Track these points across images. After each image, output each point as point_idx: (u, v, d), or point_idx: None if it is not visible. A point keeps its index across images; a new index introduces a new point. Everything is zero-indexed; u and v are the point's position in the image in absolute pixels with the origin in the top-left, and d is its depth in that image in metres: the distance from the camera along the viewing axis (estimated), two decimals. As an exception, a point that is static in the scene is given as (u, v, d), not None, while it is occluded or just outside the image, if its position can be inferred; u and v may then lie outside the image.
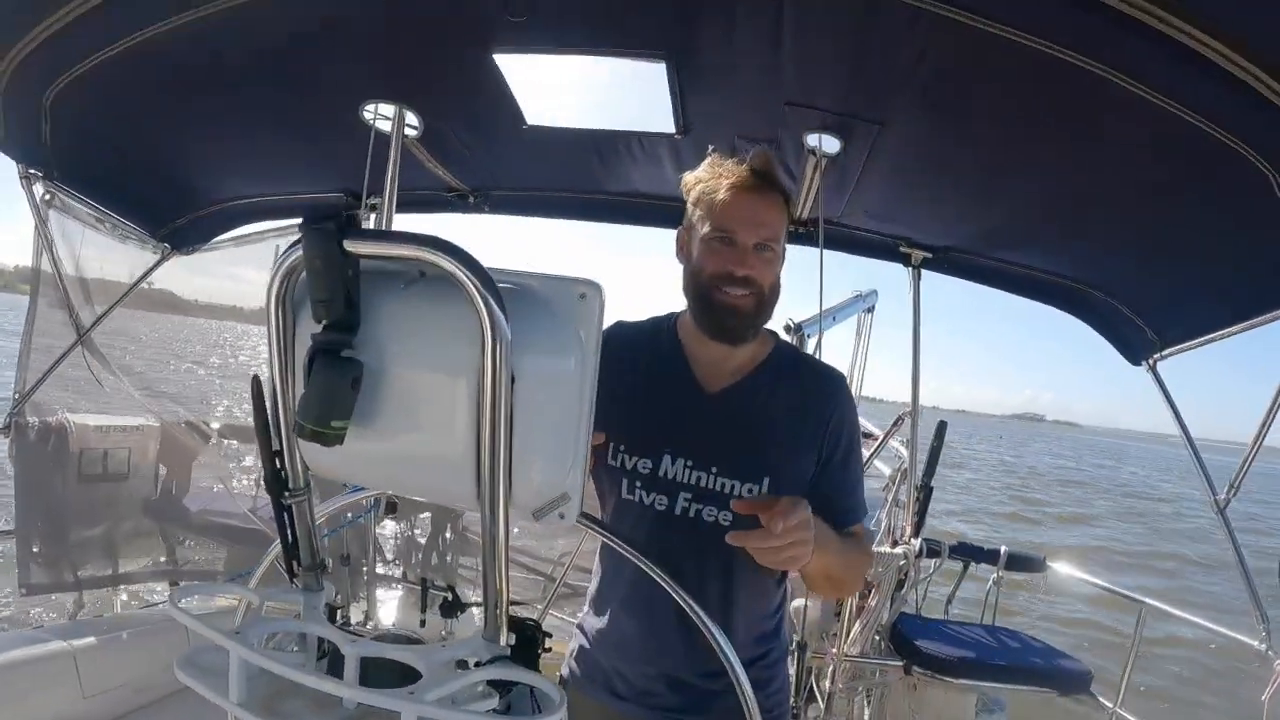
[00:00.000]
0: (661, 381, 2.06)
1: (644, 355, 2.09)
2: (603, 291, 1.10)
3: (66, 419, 4.73)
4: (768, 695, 2.06)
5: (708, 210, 1.92)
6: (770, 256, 1.91)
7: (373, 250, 0.97)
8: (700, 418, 2.00)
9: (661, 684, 2.02)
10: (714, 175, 1.94)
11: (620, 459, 2.01)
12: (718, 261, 1.89)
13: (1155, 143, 2.37)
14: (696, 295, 1.96)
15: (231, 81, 2.91)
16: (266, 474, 1.23)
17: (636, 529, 2.00)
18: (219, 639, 1.14)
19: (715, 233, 1.90)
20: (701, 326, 1.99)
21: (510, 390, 0.99)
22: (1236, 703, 9.92)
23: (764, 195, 1.91)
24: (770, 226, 1.90)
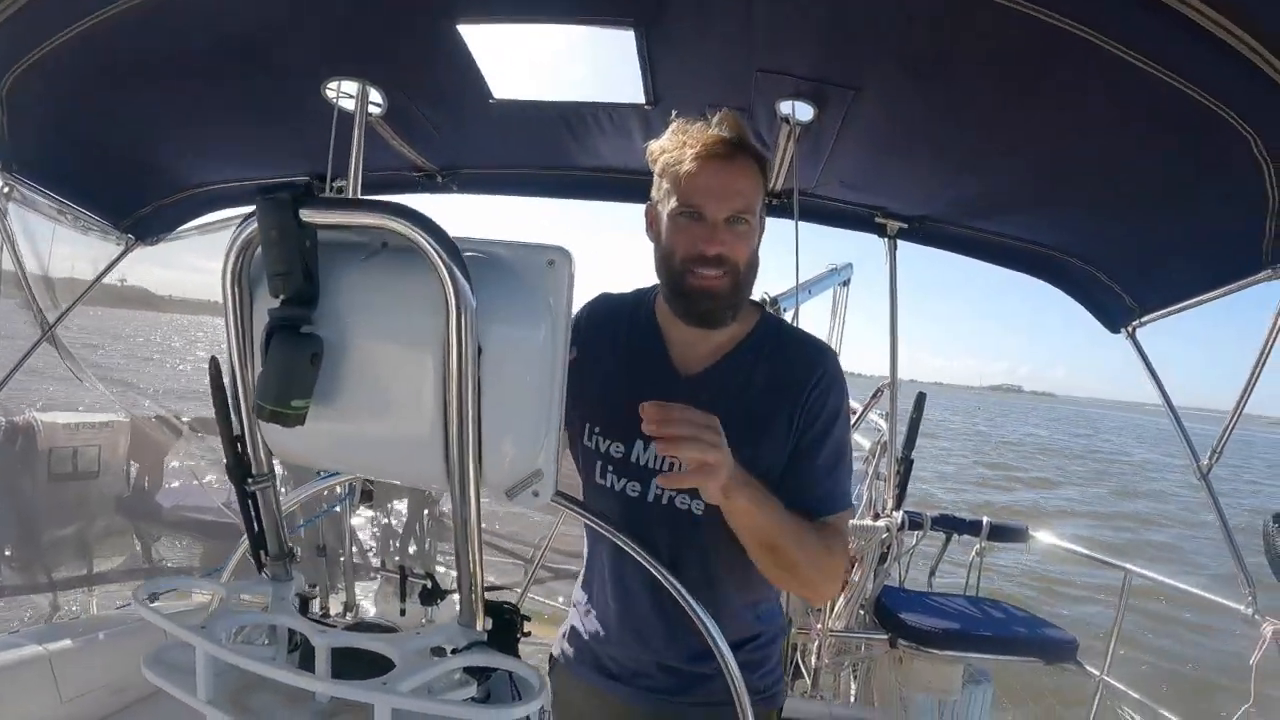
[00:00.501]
0: (637, 362, 1.97)
1: (623, 332, 2.01)
2: (572, 259, 1.05)
3: (34, 418, 4.68)
4: (760, 677, 2.01)
5: (673, 183, 1.79)
6: (744, 230, 1.78)
7: (330, 219, 0.93)
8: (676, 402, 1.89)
9: (649, 666, 1.99)
10: (678, 143, 1.80)
11: (594, 441, 1.96)
12: (687, 241, 1.78)
13: (1135, 106, 2.32)
14: (669, 279, 1.86)
15: (191, 64, 2.84)
16: (228, 460, 1.19)
17: (612, 513, 1.94)
18: (184, 634, 1.10)
19: (682, 208, 1.77)
20: (676, 312, 1.88)
21: (477, 362, 0.95)
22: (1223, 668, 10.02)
23: (734, 162, 1.76)
24: (742, 196, 1.76)
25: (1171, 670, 10.64)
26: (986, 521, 4.76)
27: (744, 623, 1.98)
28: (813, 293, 5.62)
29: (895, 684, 4.22)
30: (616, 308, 2.06)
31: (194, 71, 2.90)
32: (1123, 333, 3.94)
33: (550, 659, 2.23)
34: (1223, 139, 2.24)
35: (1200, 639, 11.70)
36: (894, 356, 4.62)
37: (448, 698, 1.07)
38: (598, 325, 2.04)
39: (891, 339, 4.52)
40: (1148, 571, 4.57)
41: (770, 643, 2.06)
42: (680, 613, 1.62)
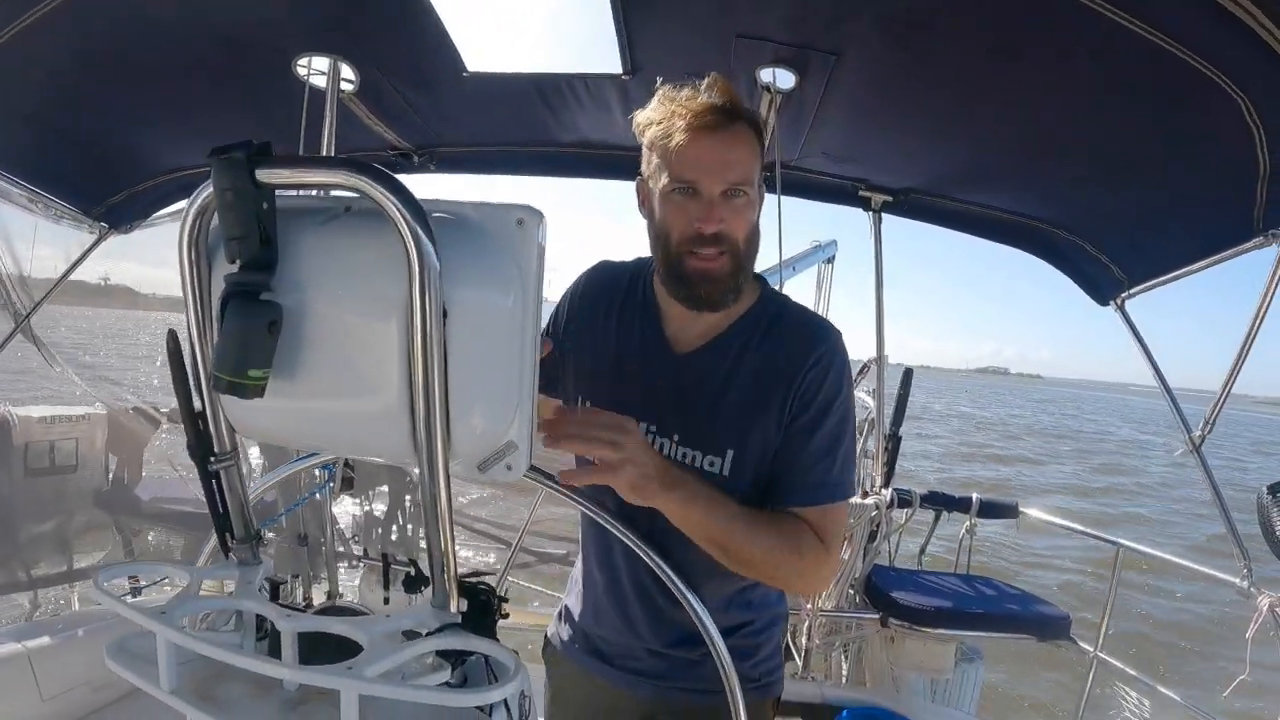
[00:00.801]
0: (631, 337, 1.90)
1: (619, 304, 1.94)
2: (543, 219, 1.00)
3: (9, 412, 4.64)
4: (753, 665, 1.96)
5: (664, 157, 1.68)
6: (743, 203, 1.68)
7: (288, 179, 0.88)
8: (666, 381, 1.84)
9: (637, 650, 1.96)
10: (666, 114, 1.67)
11: None
12: (683, 219, 1.68)
13: (1123, 70, 2.27)
14: (665, 262, 1.75)
15: (158, 45, 2.78)
16: (189, 438, 1.14)
17: (600, 494, 1.90)
18: (144, 621, 1.06)
19: (675, 184, 1.67)
20: (675, 296, 1.78)
21: (442, 325, 0.89)
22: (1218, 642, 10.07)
23: (727, 131, 1.65)
24: (739, 167, 1.65)
25: (1166, 645, 10.68)
26: (976, 498, 4.76)
27: (732, 609, 1.91)
28: (796, 270, 5.60)
29: (887, 663, 4.20)
30: (616, 277, 1.99)
31: (162, 52, 2.84)
32: (1111, 305, 3.91)
33: (545, 640, 2.21)
34: (1213, 104, 2.20)
35: (1194, 612, 11.77)
36: (880, 331, 4.57)
37: (420, 682, 1.02)
38: (595, 295, 1.98)
39: (878, 314, 4.48)
40: (1140, 545, 4.55)
41: (763, 630, 1.99)
42: (666, 596, 1.58)
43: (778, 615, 2.05)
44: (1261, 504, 3.41)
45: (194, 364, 1.06)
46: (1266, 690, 3.46)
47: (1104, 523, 22.15)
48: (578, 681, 2.08)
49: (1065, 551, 14.35)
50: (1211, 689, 4.88)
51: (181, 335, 1.06)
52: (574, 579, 2.15)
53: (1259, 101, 2.16)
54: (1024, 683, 5.36)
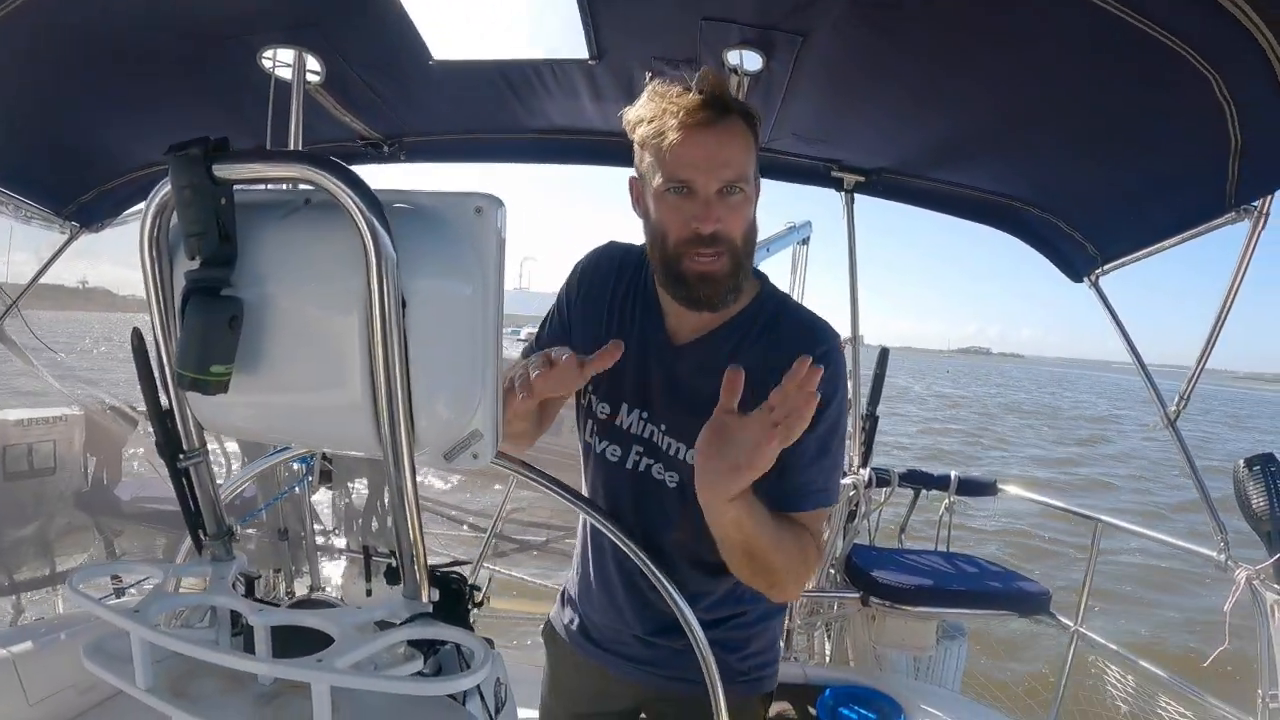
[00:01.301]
0: (633, 322, 1.89)
1: (624, 288, 1.93)
2: (502, 206, 1.00)
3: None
4: (742, 658, 1.95)
5: (657, 156, 1.65)
6: (739, 199, 1.65)
7: (245, 173, 0.88)
8: (660, 370, 1.84)
9: (626, 636, 1.97)
10: (658, 111, 1.65)
11: (586, 399, 1.93)
12: (679, 221, 1.65)
13: (1093, 46, 2.27)
14: (663, 263, 1.73)
15: (121, 41, 2.75)
16: (157, 436, 1.14)
17: (594, 475, 1.92)
18: (117, 620, 1.06)
19: (669, 184, 1.64)
20: (674, 297, 1.77)
21: (401, 315, 0.90)
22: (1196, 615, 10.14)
23: (721, 127, 1.63)
24: (735, 164, 1.63)
25: (1145, 618, 10.76)
26: (955, 476, 4.78)
27: (720, 600, 1.90)
28: (770, 251, 5.60)
29: (869, 642, 4.23)
30: (623, 261, 1.96)
31: (126, 49, 2.81)
32: (1085, 282, 3.92)
33: (546, 622, 2.23)
34: (1184, 80, 2.20)
35: (1173, 586, 11.84)
36: (855, 312, 4.56)
37: (392, 673, 1.03)
38: (601, 277, 1.97)
39: (852, 294, 4.47)
40: (1119, 521, 4.58)
41: (755, 623, 1.97)
42: (650, 584, 1.58)
43: (773, 608, 2.02)
44: (1238, 478, 3.45)
45: (159, 361, 1.06)
46: (1247, 662, 3.48)
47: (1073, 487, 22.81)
48: (573, 665, 2.10)
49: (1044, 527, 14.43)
50: (1191, 663, 4.90)
51: (146, 333, 1.06)
52: (574, 565, 2.15)
53: (1229, 77, 2.16)
54: (1007, 658, 5.39)
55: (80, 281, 15.69)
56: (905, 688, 3.76)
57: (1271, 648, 3.21)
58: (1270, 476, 3.38)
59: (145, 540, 5.16)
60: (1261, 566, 3.32)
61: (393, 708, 1.11)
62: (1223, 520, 3.54)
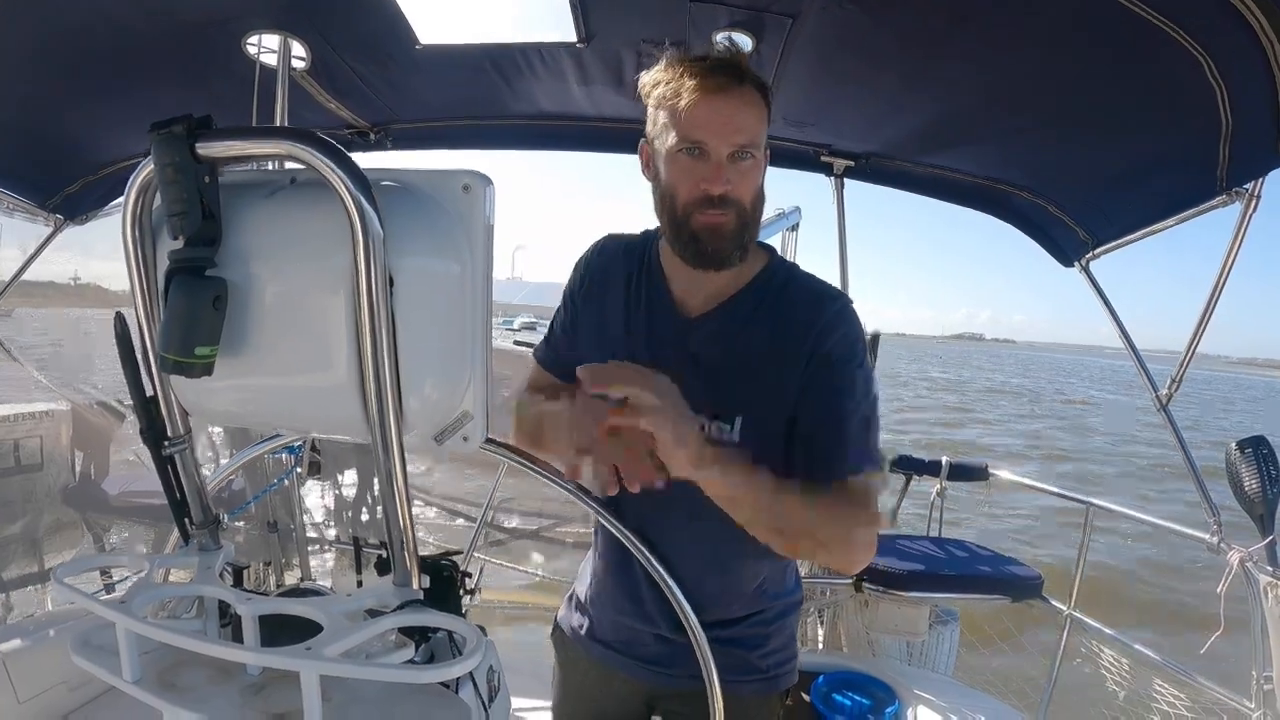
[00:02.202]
0: (638, 304, 1.88)
1: (623, 275, 1.92)
2: (490, 184, 0.99)
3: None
4: (762, 655, 1.92)
5: (671, 118, 1.65)
6: (749, 165, 1.65)
7: (228, 150, 0.87)
8: (673, 347, 1.81)
9: (644, 635, 1.94)
10: (675, 74, 1.66)
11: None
12: (690, 181, 1.65)
13: (1083, 28, 2.26)
14: (671, 223, 1.72)
15: (104, 30, 2.71)
16: (141, 422, 1.13)
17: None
18: (103, 611, 1.05)
19: (682, 144, 1.64)
20: (680, 255, 1.75)
21: (388, 294, 0.88)
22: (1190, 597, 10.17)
23: (735, 92, 1.63)
24: (746, 129, 1.63)
25: (1139, 601, 10.78)
26: (946, 461, 4.78)
27: (740, 595, 1.89)
28: (760, 238, 5.59)
29: (863, 628, 4.23)
30: (620, 251, 1.96)
31: (109, 37, 2.77)
32: (1076, 266, 3.91)
33: (554, 625, 2.21)
34: (1175, 62, 2.18)
35: (1165, 569, 11.89)
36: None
37: (383, 661, 1.01)
38: (604, 267, 1.96)
39: (842, 280, 4.44)
40: (1111, 504, 4.57)
41: (775, 620, 1.95)
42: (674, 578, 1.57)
43: (791, 604, 2.01)
44: (1230, 460, 3.45)
45: (143, 347, 1.05)
46: (1240, 645, 3.48)
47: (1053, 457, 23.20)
48: (585, 667, 2.08)
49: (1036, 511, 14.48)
50: (1186, 646, 4.91)
51: (130, 319, 1.05)
52: (585, 565, 2.13)
53: (1220, 59, 2.14)
54: (1000, 642, 5.39)
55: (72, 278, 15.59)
56: (898, 673, 3.76)
57: (1265, 629, 3.21)
58: (1262, 459, 3.38)
59: (134, 534, 5.14)
60: (1254, 548, 3.32)
61: (385, 695, 1.10)
62: (1215, 502, 3.54)
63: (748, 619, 1.90)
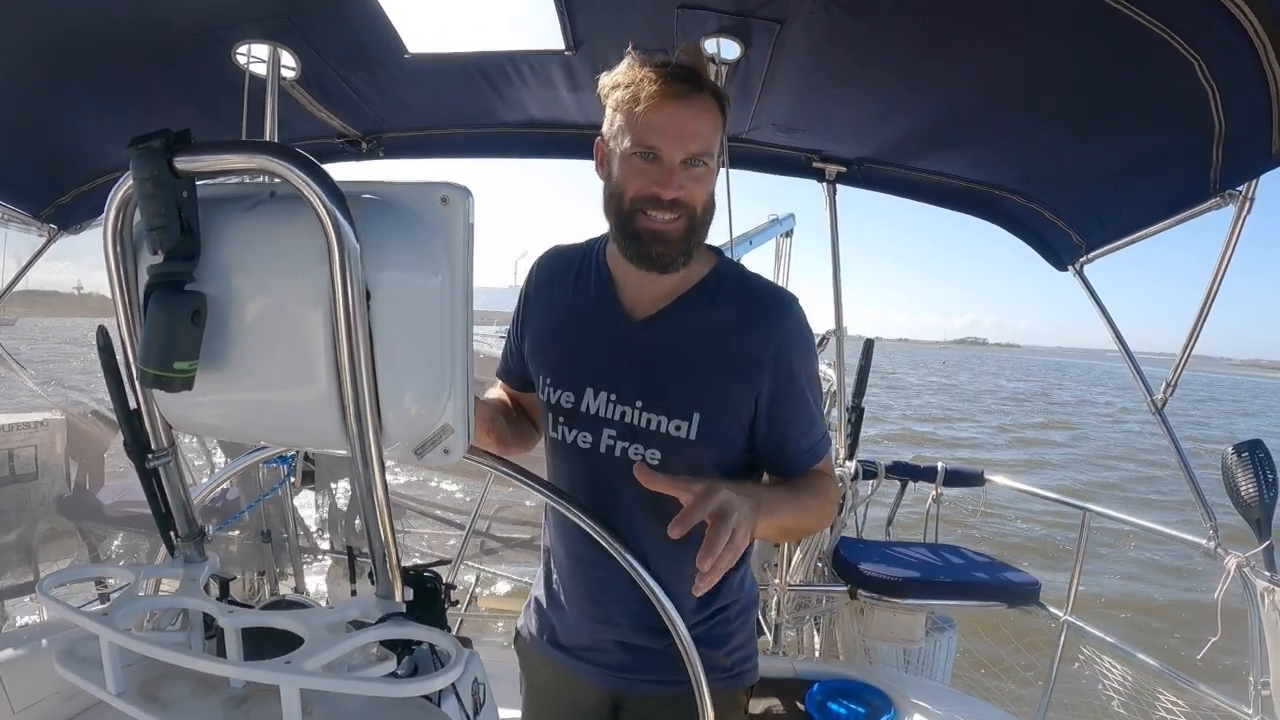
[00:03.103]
0: (587, 309, 1.88)
1: (571, 282, 1.93)
2: (470, 196, 0.99)
3: (-36, 423, 4.57)
4: (727, 653, 1.93)
5: (627, 121, 1.66)
6: (701, 173, 1.67)
7: (206, 165, 0.87)
8: (624, 348, 1.82)
9: (604, 641, 1.93)
10: (634, 78, 1.65)
11: (547, 393, 1.89)
12: (640, 182, 1.67)
13: (1074, 32, 2.27)
14: (618, 220, 1.74)
15: (95, 41, 2.73)
16: (125, 436, 1.13)
17: (563, 469, 1.89)
18: (86, 623, 1.05)
19: (636, 148, 1.65)
20: (625, 254, 1.76)
21: (365, 308, 0.88)
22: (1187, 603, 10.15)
23: (693, 100, 1.64)
24: (701, 138, 1.65)
25: (1136, 607, 10.77)
26: (941, 467, 4.78)
27: (705, 597, 1.88)
28: (754, 244, 5.60)
29: (859, 635, 4.22)
30: (568, 258, 1.97)
31: (100, 48, 2.79)
32: (1070, 270, 3.92)
33: (516, 633, 2.19)
34: (1166, 64, 2.19)
35: (1163, 574, 11.88)
36: (838, 303, 4.56)
37: (365, 674, 1.01)
38: (549, 278, 1.97)
39: (835, 286, 4.46)
40: (1107, 510, 4.57)
41: (737, 617, 1.96)
42: (631, 584, 1.56)
43: (750, 599, 2.03)
44: (1226, 465, 3.44)
45: (126, 360, 1.04)
46: (1238, 650, 3.47)
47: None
48: (549, 673, 2.06)
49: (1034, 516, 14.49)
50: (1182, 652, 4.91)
51: (114, 331, 1.05)
52: (540, 572, 2.12)
53: (1212, 61, 2.15)
54: (997, 649, 5.38)
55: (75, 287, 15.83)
56: (895, 680, 3.74)
57: (1263, 635, 3.21)
58: (1258, 463, 3.37)
59: (129, 544, 5.13)
60: (1251, 553, 3.30)
61: (367, 709, 1.09)
62: (1211, 507, 3.53)
63: (710, 618, 1.90)
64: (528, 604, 2.17)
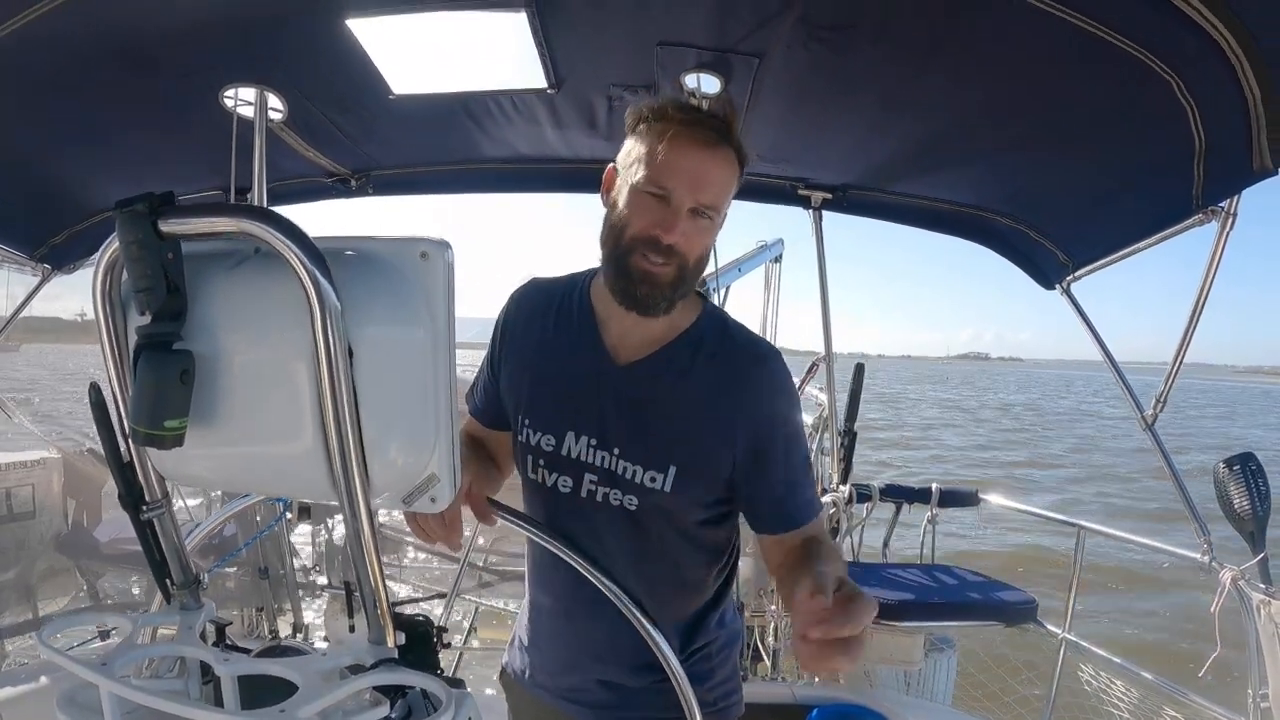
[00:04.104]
0: (569, 349, 1.85)
1: (553, 319, 1.89)
2: (449, 249, 1.01)
3: (-38, 464, 4.59)
4: (709, 688, 1.93)
5: (647, 155, 1.64)
6: (706, 225, 1.65)
7: (189, 228, 0.88)
8: (606, 393, 1.79)
9: (588, 681, 1.93)
10: (664, 113, 1.66)
11: (525, 434, 1.86)
12: (644, 220, 1.63)
13: (1050, 56, 2.29)
14: (612, 253, 1.70)
15: (86, 83, 2.76)
16: (119, 488, 1.14)
17: (542, 512, 1.87)
18: (85, 673, 1.05)
19: (649, 185, 1.62)
20: (611, 289, 1.73)
21: (349, 365, 0.90)
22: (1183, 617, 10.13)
23: (716, 151, 1.63)
24: (714, 190, 1.63)
25: (1134, 623, 10.75)
26: (936, 488, 4.79)
27: (689, 633, 1.90)
28: (742, 271, 5.62)
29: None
30: (548, 294, 1.93)
31: (91, 91, 2.81)
32: (1057, 289, 3.93)
33: (501, 670, 2.17)
34: (1143, 84, 2.21)
35: (1159, 589, 11.86)
36: (827, 329, 4.60)
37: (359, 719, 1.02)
38: (528, 315, 1.93)
39: (823, 312, 4.49)
40: (1101, 527, 4.58)
41: (720, 651, 1.96)
42: (620, 622, 1.57)
43: (734, 634, 2.03)
44: (1218, 478, 3.45)
45: (118, 415, 1.06)
46: (1235, 664, 3.47)
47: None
48: (534, 711, 2.05)
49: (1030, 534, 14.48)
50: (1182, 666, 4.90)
51: (105, 386, 1.06)
52: (523, 609, 2.11)
53: (1189, 79, 2.17)
54: (997, 668, 5.38)
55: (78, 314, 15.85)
56: (896, 703, 3.74)
57: (1260, 646, 3.21)
58: (1250, 476, 3.38)
59: (125, 581, 5.14)
60: (1246, 566, 3.32)
61: (360, 755, 1.11)
62: (1204, 522, 3.54)
63: (696, 653, 1.90)
64: (512, 641, 2.16)
